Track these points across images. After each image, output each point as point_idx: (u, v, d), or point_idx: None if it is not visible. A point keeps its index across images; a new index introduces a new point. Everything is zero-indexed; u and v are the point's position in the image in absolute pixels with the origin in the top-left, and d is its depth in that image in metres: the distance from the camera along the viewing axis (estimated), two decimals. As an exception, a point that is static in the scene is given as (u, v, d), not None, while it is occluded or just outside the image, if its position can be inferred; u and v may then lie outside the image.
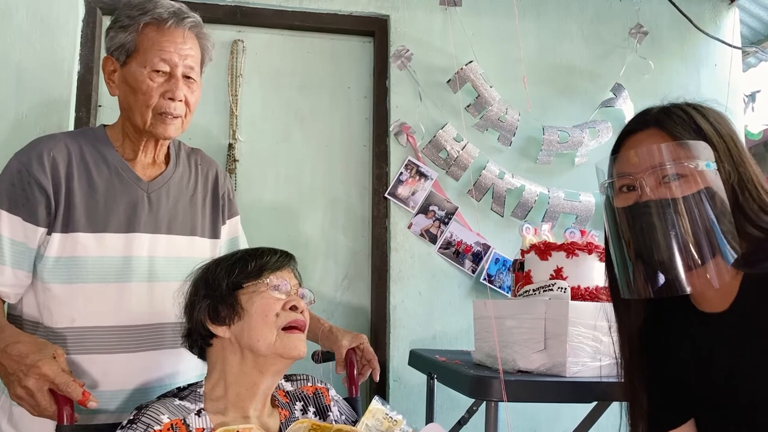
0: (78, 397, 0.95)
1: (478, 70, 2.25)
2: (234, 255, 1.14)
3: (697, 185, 0.86)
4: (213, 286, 1.09)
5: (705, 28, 2.45)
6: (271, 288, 1.09)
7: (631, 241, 0.90)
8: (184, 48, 1.20)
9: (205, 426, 1.02)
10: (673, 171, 0.88)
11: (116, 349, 1.17)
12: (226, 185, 1.40)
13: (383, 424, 1.13)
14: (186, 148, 1.37)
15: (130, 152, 1.25)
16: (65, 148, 1.19)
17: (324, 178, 2.28)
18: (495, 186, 2.25)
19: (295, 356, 1.07)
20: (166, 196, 1.26)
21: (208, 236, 1.33)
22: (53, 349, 1.00)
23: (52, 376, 0.95)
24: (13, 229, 1.13)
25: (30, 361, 0.96)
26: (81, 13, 2.11)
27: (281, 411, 1.13)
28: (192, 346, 1.13)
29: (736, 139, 0.94)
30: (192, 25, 1.22)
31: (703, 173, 0.87)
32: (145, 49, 1.18)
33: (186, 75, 1.21)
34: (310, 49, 2.31)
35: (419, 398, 1.90)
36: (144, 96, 1.18)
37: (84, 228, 1.17)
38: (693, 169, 0.87)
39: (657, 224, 0.87)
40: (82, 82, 2.08)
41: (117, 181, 1.21)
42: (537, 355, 1.38)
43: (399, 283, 2.20)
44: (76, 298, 1.16)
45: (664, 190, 0.88)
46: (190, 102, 1.23)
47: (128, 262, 1.19)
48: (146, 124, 1.20)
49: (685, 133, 0.90)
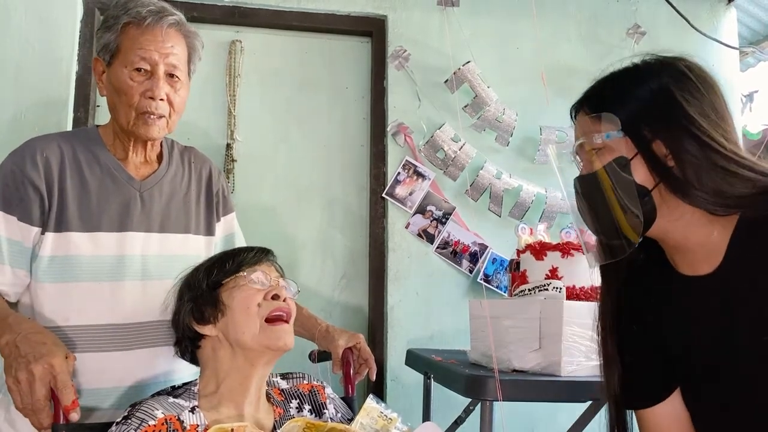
0: (67, 402, 0.95)
1: (476, 70, 2.25)
2: (212, 258, 1.16)
3: (600, 161, 0.90)
4: (194, 288, 1.11)
5: (702, 29, 2.46)
6: (250, 281, 1.10)
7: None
8: (165, 46, 1.19)
9: (199, 423, 1.02)
10: (582, 150, 0.94)
11: (111, 347, 1.18)
12: (220, 182, 1.40)
13: (378, 422, 1.13)
14: (179, 147, 1.37)
15: (121, 152, 1.25)
16: (58, 148, 1.19)
17: (322, 178, 2.28)
18: (492, 186, 2.26)
19: (281, 347, 1.07)
20: (159, 195, 1.26)
21: (203, 233, 1.33)
22: (67, 351, 1.01)
23: (58, 371, 0.95)
24: (10, 229, 1.14)
25: (46, 350, 0.97)
26: (79, 14, 2.12)
27: (276, 409, 1.13)
28: (183, 352, 1.14)
29: (682, 94, 0.87)
30: (173, 22, 1.21)
31: (606, 145, 0.90)
32: (126, 49, 1.18)
33: (169, 73, 1.20)
34: (308, 50, 2.32)
35: (416, 398, 1.90)
36: (126, 96, 1.18)
37: (77, 227, 1.17)
38: (595, 143, 0.90)
39: (576, 200, 0.96)
40: (81, 83, 2.09)
41: (109, 180, 1.21)
42: (532, 355, 1.38)
43: (396, 282, 2.20)
44: (70, 297, 1.16)
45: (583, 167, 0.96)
46: (174, 101, 1.22)
47: (121, 260, 1.19)
48: (129, 124, 1.19)
49: (598, 108, 0.92)
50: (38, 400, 0.95)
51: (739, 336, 0.86)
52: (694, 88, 0.88)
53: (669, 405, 0.99)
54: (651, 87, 0.89)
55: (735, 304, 0.86)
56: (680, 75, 0.89)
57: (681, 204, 0.87)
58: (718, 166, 0.84)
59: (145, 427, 0.97)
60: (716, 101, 0.88)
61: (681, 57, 0.93)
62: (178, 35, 1.23)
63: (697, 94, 0.87)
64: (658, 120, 0.88)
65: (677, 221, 0.88)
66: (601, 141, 0.90)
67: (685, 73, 0.89)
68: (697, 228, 0.88)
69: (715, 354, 0.90)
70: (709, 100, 0.87)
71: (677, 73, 0.89)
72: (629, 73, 0.93)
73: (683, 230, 0.88)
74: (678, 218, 0.88)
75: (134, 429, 0.96)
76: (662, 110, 0.88)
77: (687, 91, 0.87)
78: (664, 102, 0.88)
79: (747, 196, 0.83)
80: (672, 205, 0.87)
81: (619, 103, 0.90)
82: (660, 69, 0.91)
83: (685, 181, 0.85)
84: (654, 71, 0.91)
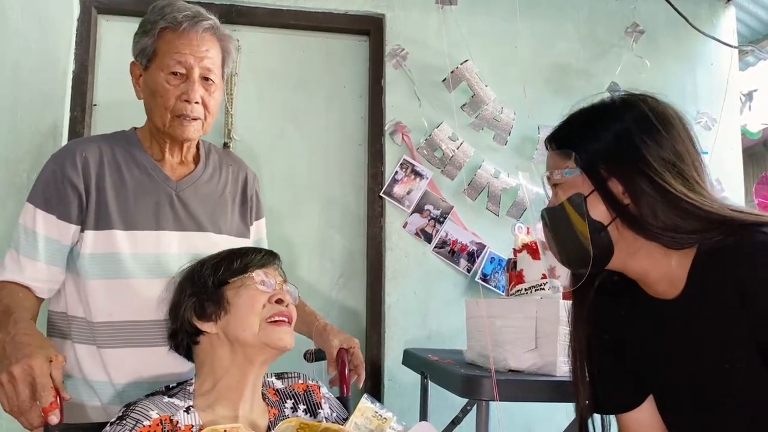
0: (45, 404, 0.95)
1: (474, 69, 2.25)
2: (219, 254, 1.17)
3: (562, 194, 0.96)
4: (199, 284, 1.12)
5: (701, 27, 2.45)
6: (257, 282, 1.11)
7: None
8: (200, 50, 1.23)
9: (194, 423, 1.02)
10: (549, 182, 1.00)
11: (151, 342, 1.20)
12: (254, 187, 1.44)
13: (372, 422, 1.13)
14: (217, 149, 1.42)
15: (158, 153, 1.29)
16: (97, 149, 1.25)
17: (319, 177, 2.28)
18: (490, 185, 2.25)
19: (281, 347, 1.08)
20: (195, 195, 1.29)
21: (235, 235, 1.35)
22: (54, 353, 1.01)
23: (37, 372, 0.95)
24: (48, 227, 1.19)
25: (28, 351, 0.98)
26: (76, 13, 2.11)
27: (270, 409, 1.13)
28: (178, 346, 1.14)
29: (642, 137, 0.91)
30: (208, 27, 1.25)
31: (565, 181, 0.96)
32: (163, 53, 1.22)
33: (204, 77, 1.24)
34: (306, 48, 2.32)
35: (414, 397, 1.90)
36: (162, 99, 1.22)
37: (116, 225, 1.21)
38: (555, 178, 0.97)
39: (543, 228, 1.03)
40: (77, 81, 2.09)
41: (146, 180, 1.26)
42: (528, 355, 1.38)
43: (394, 282, 2.20)
44: (112, 294, 1.20)
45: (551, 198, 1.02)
46: (209, 104, 1.26)
47: (159, 258, 1.23)
48: (165, 126, 1.24)
49: (563, 144, 0.98)
50: (23, 402, 0.95)
51: (702, 358, 0.91)
52: (655, 130, 0.92)
53: (645, 411, 1.04)
54: (613, 128, 0.94)
55: (696, 329, 0.91)
56: (642, 118, 0.93)
57: (638, 238, 0.92)
58: (672, 205, 0.88)
59: (140, 427, 0.97)
60: (677, 141, 0.92)
61: (646, 97, 0.97)
62: (212, 39, 1.26)
63: (657, 137, 0.91)
64: (615, 160, 0.92)
65: (635, 254, 0.94)
66: (560, 177, 0.96)
67: (648, 116, 0.93)
68: (655, 260, 0.93)
69: (679, 373, 0.95)
70: (669, 142, 0.91)
71: (640, 116, 0.93)
72: (596, 112, 0.99)
73: (642, 262, 0.94)
74: (635, 251, 0.93)
75: (129, 429, 0.96)
76: (620, 152, 0.92)
77: (647, 133, 0.91)
78: (623, 144, 0.92)
79: (699, 231, 0.88)
80: (629, 240, 0.92)
81: (582, 141, 0.95)
82: (624, 110, 0.95)
83: (640, 218, 0.90)
84: (618, 112, 0.96)
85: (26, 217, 1.20)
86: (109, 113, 2.14)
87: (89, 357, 1.20)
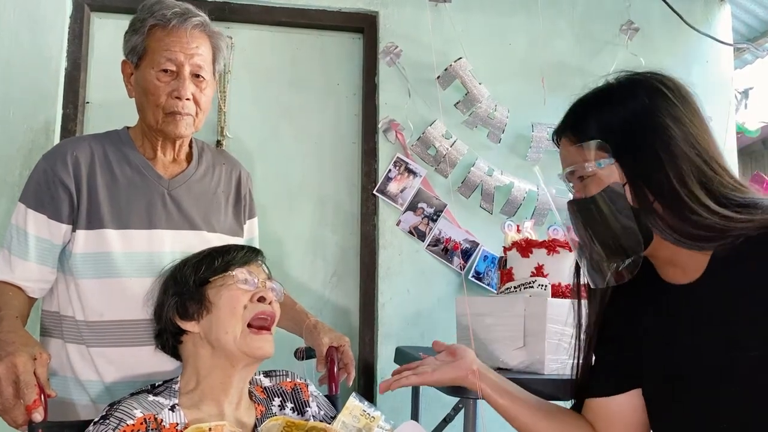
0: (29, 402, 0.96)
1: (467, 66, 2.24)
2: (201, 253, 1.17)
3: (595, 187, 0.93)
4: (181, 283, 1.12)
5: (697, 25, 2.44)
6: (238, 281, 1.10)
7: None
8: (190, 47, 1.23)
9: (179, 421, 1.02)
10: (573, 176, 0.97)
11: (143, 341, 1.20)
12: (248, 186, 1.44)
13: (360, 421, 1.13)
14: (210, 148, 1.41)
15: (150, 151, 1.29)
16: (89, 148, 1.25)
17: (312, 174, 2.27)
18: (484, 183, 2.25)
19: (260, 356, 1.08)
20: (187, 194, 1.29)
21: (229, 233, 1.35)
22: (39, 351, 1.01)
23: (20, 370, 0.96)
24: (39, 227, 1.19)
25: (12, 349, 0.98)
26: (68, 10, 2.11)
27: (258, 407, 1.13)
28: (163, 345, 1.14)
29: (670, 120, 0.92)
30: (197, 23, 1.25)
31: (596, 174, 0.93)
32: (153, 50, 1.22)
33: (195, 73, 1.24)
34: (299, 46, 2.31)
35: (406, 396, 1.90)
36: (153, 96, 1.22)
37: (108, 224, 1.21)
38: (587, 172, 0.94)
39: (574, 223, 0.98)
40: (70, 79, 2.08)
41: (138, 178, 1.25)
42: (516, 353, 1.38)
43: (387, 280, 2.20)
44: (104, 293, 1.20)
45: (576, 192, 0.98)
46: (200, 100, 1.26)
47: (151, 257, 1.22)
48: (158, 123, 1.24)
49: (584, 135, 0.95)
50: (7, 399, 0.96)
51: (709, 346, 0.90)
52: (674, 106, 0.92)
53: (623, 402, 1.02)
54: (633, 109, 0.93)
55: (708, 315, 0.90)
56: (660, 95, 0.93)
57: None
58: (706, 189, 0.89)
59: (124, 426, 0.97)
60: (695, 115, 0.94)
61: (653, 74, 0.97)
62: (202, 36, 1.27)
63: (678, 113, 0.92)
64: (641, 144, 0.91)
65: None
66: (593, 169, 0.93)
67: (665, 93, 0.93)
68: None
69: (683, 361, 0.94)
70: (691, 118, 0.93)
71: (656, 94, 0.93)
72: (610, 95, 0.97)
73: (673, 246, 0.92)
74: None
75: (112, 429, 0.96)
76: (645, 134, 0.91)
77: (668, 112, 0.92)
78: (648, 126, 0.91)
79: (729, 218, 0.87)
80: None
81: (606, 129, 0.93)
82: (638, 90, 0.94)
83: (679, 201, 0.89)
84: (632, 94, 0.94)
85: (18, 216, 1.20)
86: (102, 111, 2.14)
87: (81, 357, 1.20)
